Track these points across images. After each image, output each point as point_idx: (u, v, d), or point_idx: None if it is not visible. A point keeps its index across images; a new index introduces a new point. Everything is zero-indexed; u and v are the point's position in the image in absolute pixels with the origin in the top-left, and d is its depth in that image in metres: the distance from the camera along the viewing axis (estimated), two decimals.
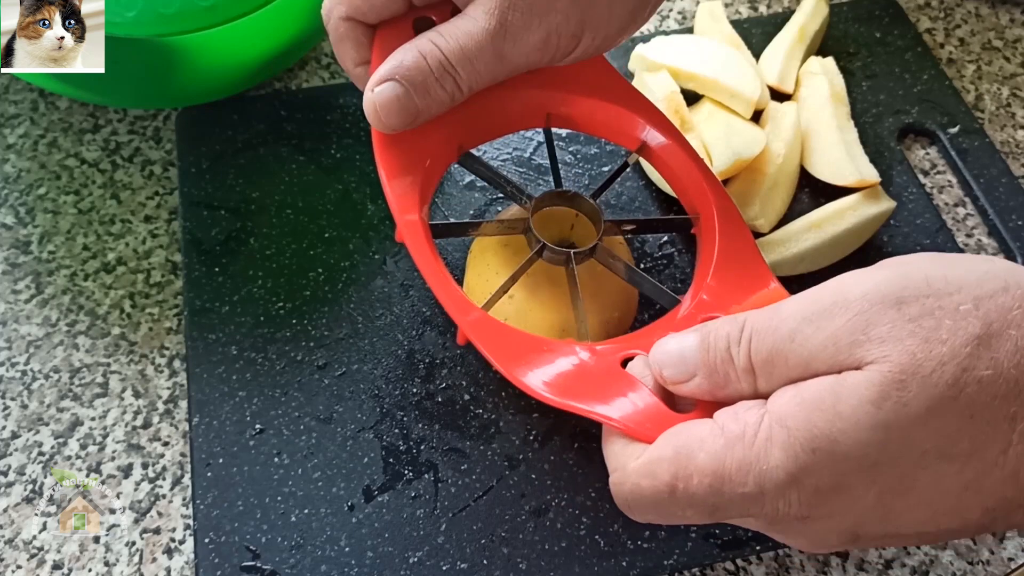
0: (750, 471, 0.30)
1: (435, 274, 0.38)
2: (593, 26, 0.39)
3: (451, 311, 0.38)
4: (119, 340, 0.49)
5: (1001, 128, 0.58)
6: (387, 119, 0.38)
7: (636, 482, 0.33)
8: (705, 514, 0.32)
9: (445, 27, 0.38)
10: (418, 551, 0.42)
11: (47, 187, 0.54)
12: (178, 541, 0.43)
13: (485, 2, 0.37)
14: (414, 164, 0.40)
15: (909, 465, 0.29)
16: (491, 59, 0.38)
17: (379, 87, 0.38)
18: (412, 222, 0.39)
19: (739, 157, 0.50)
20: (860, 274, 0.31)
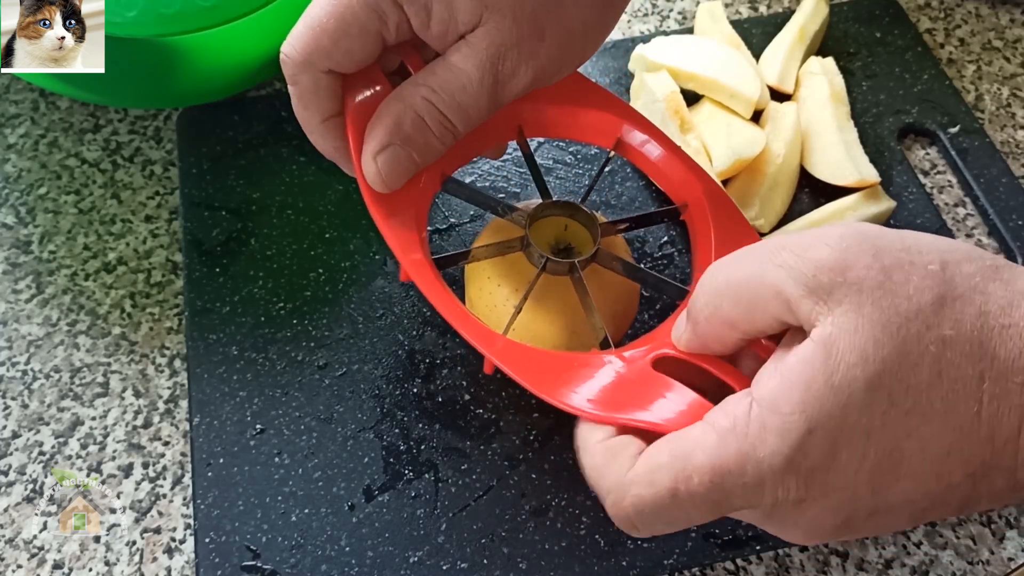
0: (747, 461, 0.30)
1: (451, 310, 0.39)
2: (574, 54, 0.40)
3: (475, 344, 0.38)
4: (120, 340, 0.49)
5: (1001, 128, 0.58)
6: (391, 182, 0.39)
7: (637, 494, 0.33)
8: (709, 512, 0.32)
9: (435, 80, 0.38)
10: (418, 551, 0.42)
11: (48, 187, 0.54)
12: (178, 541, 0.44)
13: (472, 54, 0.37)
14: (404, 204, 0.40)
15: (898, 431, 0.30)
16: (484, 106, 0.39)
17: (381, 156, 0.38)
18: (417, 261, 0.39)
19: (739, 157, 0.51)
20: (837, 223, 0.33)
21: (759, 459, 0.30)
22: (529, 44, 0.38)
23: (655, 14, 0.63)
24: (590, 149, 0.55)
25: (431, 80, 0.38)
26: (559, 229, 0.44)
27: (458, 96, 0.38)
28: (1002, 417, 0.30)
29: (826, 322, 0.30)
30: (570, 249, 0.43)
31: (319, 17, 0.37)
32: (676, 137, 0.51)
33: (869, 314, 0.30)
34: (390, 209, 0.40)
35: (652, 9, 0.64)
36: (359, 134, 0.39)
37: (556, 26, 0.38)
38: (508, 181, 0.53)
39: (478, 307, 0.44)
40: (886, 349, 0.30)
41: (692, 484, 0.31)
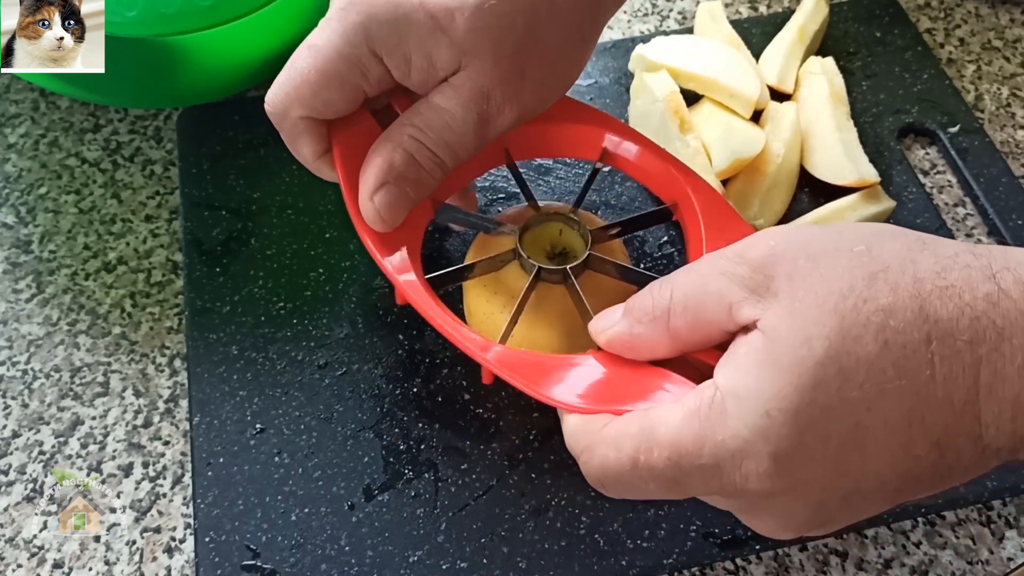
0: (705, 443, 0.31)
1: (447, 324, 0.40)
2: (556, 86, 0.42)
3: (472, 355, 0.39)
4: (120, 339, 0.49)
5: (1001, 128, 0.58)
6: (390, 220, 0.40)
7: (604, 454, 0.34)
8: (667, 487, 0.33)
9: (421, 120, 0.39)
10: (418, 550, 0.42)
11: (48, 186, 0.54)
12: (178, 540, 0.44)
13: (455, 94, 0.39)
14: (399, 232, 0.41)
15: (857, 406, 0.30)
16: (472, 143, 0.40)
17: (377, 195, 0.40)
18: (411, 282, 0.41)
19: (739, 157, 0.51)
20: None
21: (717, 441, 0.31)
22: (511, 84, 0.39)
23: (655, 14, 0.63)
24: None
25: (417, 120, 0.39)
26: (554, 234, 0.44)
27: (444, 133, 0.39)
28: (956, 377, 0.30)
29: (767, 314, 0.31)
30: (566, 254, 0.43)
31: (301, 69, 0.39)
32: (676, 137, 0.51)
33: (803, 298, 0.31)
34: (383, 237, 0.41)
35: (652, 9, 0.64)
36: (347, 170, 0.41)
37: (536, 64, 0.40)
38: (508, 181, 0.53)
39: (476, 316, 0.44)
40: (827, 327, 0.30)
41: (652, 457, 0.32)
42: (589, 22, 0.42)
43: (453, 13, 0.37)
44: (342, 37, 0.38)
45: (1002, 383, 0.30)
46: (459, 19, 0.37)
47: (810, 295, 0.31)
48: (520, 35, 0.38)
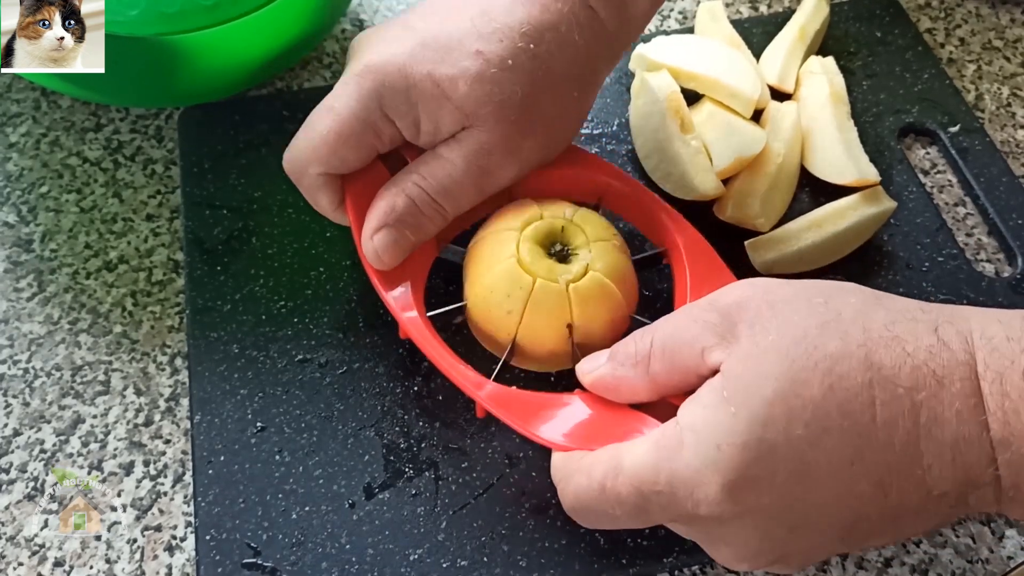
0: (661, 471, 0.34)
1: (444, 361, 0.42)
2: (557, 142, 0.45)
3: (467, 391, 0.42)
4: (121, 338, 0.49)
5: (1001, 128, 0.58)
6: (388, 260, 0.43)
7: (578, 481, 0.37)
8: (633, 514, 0.36)
9: (425, 169, 0.42)
10: (418, 548, 0.42)
11: (49, 185, 0.54)
12: (179, 539, 0.44)
13: (459, 148, 0.42)
14: (403, 269, 0.44)
15: (802, 444, 0.33)
16: (472, 193, 0.43)
17: (377, 235, 0.43)
18: (413, 319, 0.43)
19: (739, 156, 0.51)
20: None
21: (672, 470, 0.34)
22: (512, 142, 0.42)
23: (656, 14, 0.63)
24: (591, 148, 0.55)
25: (422, 168, 0.43)
26: (555, 230, 0.44)
27: (445, 182, 0.42)
28: (897, 420, 0.33)
29: (729, 355, 0.34)
30: (566, 252, 0.43)
31: (320, 130, 0.42)
32: (676, 136, 0.51)
33: (761, 342, 0.34)
34: (390, 277, 0.44)
35: None
36: (357, 214, 0.44)
37: (538, 123, 0.43)
38: None
39: (477, 310, 0.44)
40: (778, 368, 0.33)
41: (617, 483, 0.35)
42: (585, 84, 0.45)
43: (457, 82, 0.40)
44: (358, 101, 0.41)
45: (940, 427, 0.32)
46: (462, 87, 0.40)
47: (767, 340, 0.34)
48: (520, 102, 0.41)
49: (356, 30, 0.62)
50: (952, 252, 0.51)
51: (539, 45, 0.41)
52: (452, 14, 0.42)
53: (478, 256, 0.44)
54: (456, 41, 0.41)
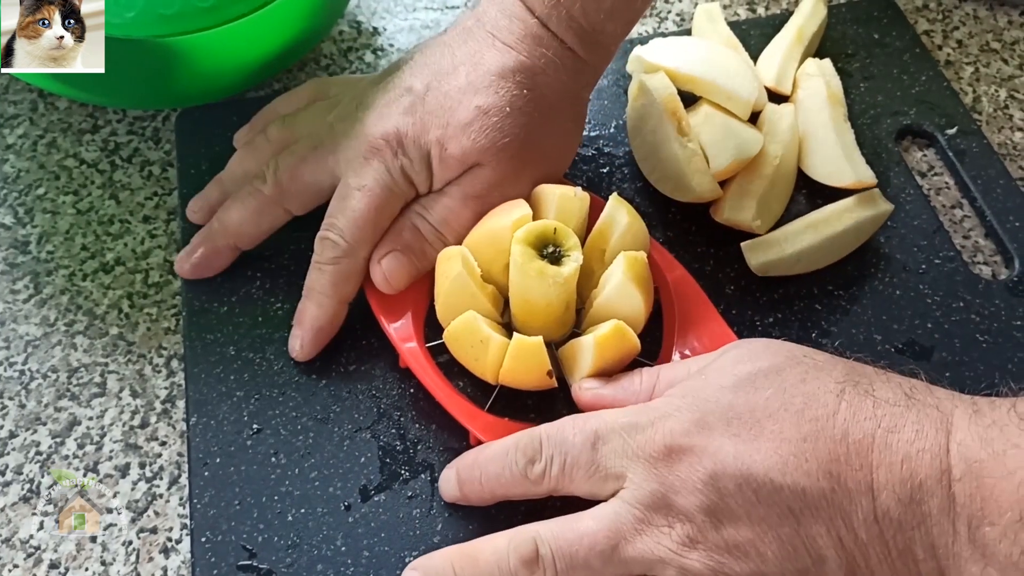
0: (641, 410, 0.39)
1: (440, 391, 0.44)
2: (552, 172, 0.48)
3: (462, 421, 0.44)
4: (117, 340, 0.49)
5: (999, 130, 0.58)
6: (395, 283, 0.46)
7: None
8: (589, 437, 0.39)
9: (427, 201, 0.46)
10: (414, 550, 0.42)
11: (46, 187, 0.54)
12: (175, 540, 0.44)
13: (461, 184, 0.45)
14: (404, 301, 0.46)
15: (759, 412, 0.36)
16: (469, 222, 0.46)
17: (384, 260, 0.46)
18: (412, 350, 0.45)
19: (736, 158, 0.51)
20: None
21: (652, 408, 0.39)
22: (510, 181, 0.45)
23: (653, 16, 0.63)
24: (587, 151, 0.55)
25: (425, 201, 0.46)
26: (548, 232, 0.43)
27: (445, 214, 0.46)
28: (857, 422, 0.35)
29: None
30: (558, 254, 0.43)
31: (359, 210, 0.46)
32: (673, 138, 0.51)
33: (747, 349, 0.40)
34: (392, 309, 0.46)
35: (650, 11, 0.64)
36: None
37: (530, 163, 0.46)
38: None
39: (452, 350, 0.45)
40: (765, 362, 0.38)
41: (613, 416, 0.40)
42: (575, 114, 0.48)
43: (461, 140, 0.44)
44: (388, 174, 0.45)
45: (896, 438, 0.34)
46: (466, 143, 0.44)
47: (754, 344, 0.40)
48: (517, 143, 0.45)
49: (354, 32, 0.62)
50: (949, 254, 0.51)
51: (532, 90, 0.45)
52: (447, 73, 0.45)
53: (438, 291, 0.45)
54: (456, 101, 0.44)
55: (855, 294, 0.50)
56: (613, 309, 0.44)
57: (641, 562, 0.36)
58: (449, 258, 0.44)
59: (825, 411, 0.35)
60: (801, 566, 0.35)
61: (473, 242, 0.45)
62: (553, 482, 0.39)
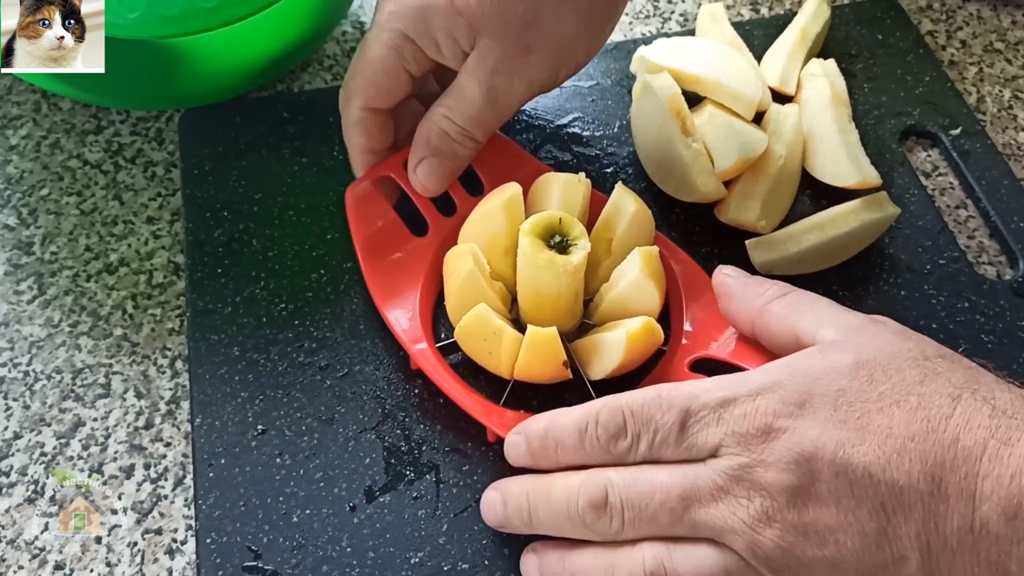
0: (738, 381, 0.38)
1: (455, 390, 0.44)
2: (566, 63, 0.47)
3: (479, 418, 0.44)
4: (121, 341, 0.49)
5: (1003, 130, 0.58)
6: (434, 187, 0.48)
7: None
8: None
9: (447, 100, 0.46)
10: (419, 551, 0.42)
11: (49, 188, 0.54)
12: (180, 542, 0.44)
13: (471, 73, 0.45)
14: (407, 301, 0.47)
15: (871, 404, 0.35)
16: (491, 115, 0.46)
17: (419, 168, 0.47)
18: (423, 351, 0.45)
19: (741, 159, 0.51)
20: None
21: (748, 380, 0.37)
22: (517, 59, 0.45)
23: (657, 16, 0.63)
24: (590, 151, 0.55)
25: (446, 100, 0.46)
26: (553, 222, 0.44)
27: (467, 109, 0.46)
28: (970, 429, 0.34)
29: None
30: (565, 243, 0.43)
31: (357, 66, 0.47)
32: (677, 139, 0.51)
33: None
34: (399, 312, 0.46)
35: (654, 11, 0.64)
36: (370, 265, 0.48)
37: (540, 42, 0.45)
38: None
39: (464, 347, 0.45)
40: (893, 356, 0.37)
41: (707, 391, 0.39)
42: (601, 6, 0.46)
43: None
44: (383, 29, 0.45)
45: (1009, 451, 0.33)
46: (473, 3, 0.43)
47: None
48: (523, 17, 0.44)
49: (357, 32, 0.62)
50: (954, 255, 0.51)
51: None
52: None
53: (449, 289, 0.45)
54: None
55: (860, 294, 0.50)
56: (628, 304, 0.44)
57: (710, 528, 0.36)
58: (459, 256, 0.44)
59: (939, 413, 0.34)
60: (879, 562, 0.34)
61: (468, 231, 0.46)
62: (639, 459, 0.38)
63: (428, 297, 0.47)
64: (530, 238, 0.43)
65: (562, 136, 0.55)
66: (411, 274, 0.47)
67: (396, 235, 0.48)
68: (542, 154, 0.55)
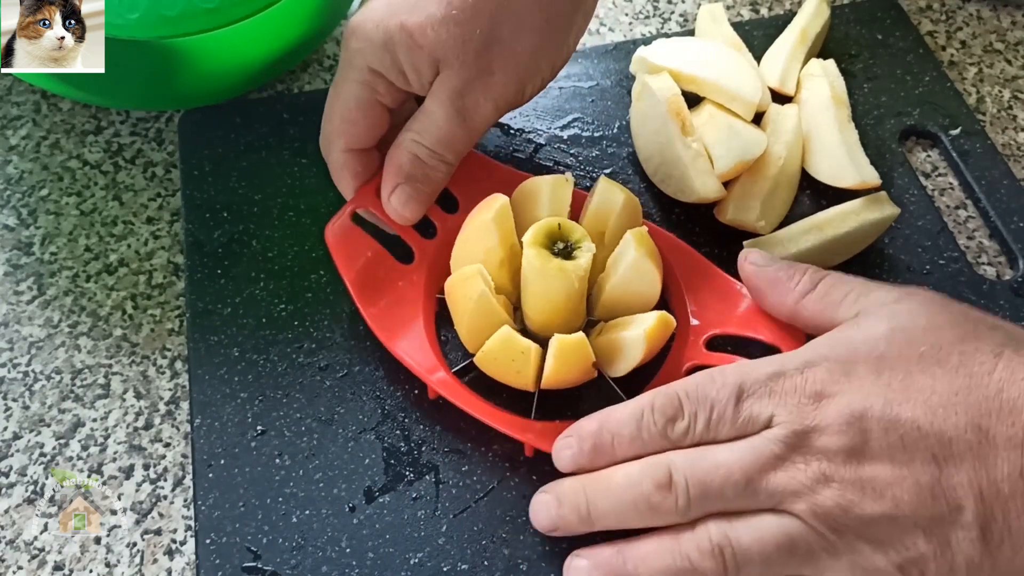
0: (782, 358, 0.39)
1: (487, 412, 0.44)
2: (531, 79, 0.47)
3: (517, 436, 0.43)
4: (121, 341, 0.49)
5: (1003, 131, 0.58)
6: (410, 214, 0.47)
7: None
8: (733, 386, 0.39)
9: (416, 124, 0.46)
10: (419, 552, 0.42)
11: (49, 188, 0.54)
12: (179, 542, 0.44)
13: (436, 98, 0.45)
14: (414, 332, 0.46)
15: (912, 366, 0.37)
16: (461, 136, 0.46)
17: (393, 195, 0.46)
18: (442, 380, 0.45)
19: (740, 159, 0.51)
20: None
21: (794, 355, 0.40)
22: (480, 80, 0.45)
23: (656, 16, 0.63)
24: (591, 151, 0.55)
25: (414, 125, 0.46)
26: (553, 228, 0.44)
27: (436, 132, 0.45)
28: (1014, 381, 0.35)
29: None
30: (570, 248, 0.43)
31: (330, 106, 0.47)
32: (677, 139, 0.51)
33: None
34: (406, 345, 0.45)
35: (653, 11, 0.64)
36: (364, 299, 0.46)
37: (501, 62, 0.45)
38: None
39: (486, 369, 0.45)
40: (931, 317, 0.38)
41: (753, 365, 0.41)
42: (555, 13, 0.46)
43: (425, 28, 0.43)
44: (350, 66, 0.46)
45: None
46: (430, 32, 0.43)
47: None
48: (481, 39, 0.44)
49: None
50: (953, 255, 0.51)
51: None
52: None
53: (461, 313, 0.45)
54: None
55: None
56: (630, 287, 0.45)
57: (773, 495, 0.37)
58: (466, 279, 0.43)
59: (981, 369, 0.36)
60: (936, 513, 0.35)
61: (462, 250, 0.45)
62: (697, 439, 0.39)
63: (430, 323, 0.47)
64: (536, 249, 0.43)
65: (562, 137, 0.55)
66: (408, 305, 0.47)
67: (384, 266, 0.47)
68: (542, 155, 0.55)
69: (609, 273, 0.45)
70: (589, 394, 0.45)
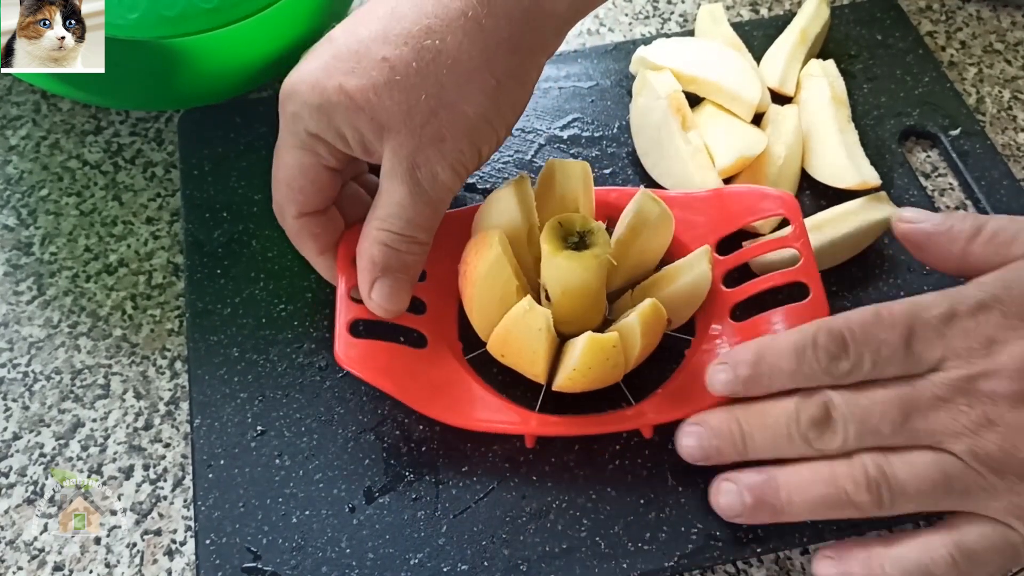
0: (941, 297, 0.39)
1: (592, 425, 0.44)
2: (487, 141, 0.43)
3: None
4: (121, 342, 0.49)
5: (1002, 131, 0.58)
6: (394, 307, 0.44)
7: (846, 314, 0.41)
8: (903, 337, 0.39)
9: (379, 211, 0.42)
10: (419, 552, 0.42)
11: (49, 189, 0.54)
12: (179, 542, 0.44)
13: (393, 176, 0.42)
14: (478, 397, 0.45)
15: None
16: (427, 212, 0.43)
17: (374, 291, 0.43)
18: (536, 424, 0.44)
19: (741, 158, 0.51)
20: None
21: (952, 294, 0.40)
22: (432, 147, 0.41)
23: (656, 16, 0.63)
24: (591, 151, 0.55)
25: (376, 212, 0.43)
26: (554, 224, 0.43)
27: (402, 213, 0.42)
28: None
29: None
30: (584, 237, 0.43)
31: (275, 174, 0.45)
32: (677, 134, 0.51)
33: None
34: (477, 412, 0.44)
35: (653, 12, 0.64)
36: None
37: (451, 127, 0.41)
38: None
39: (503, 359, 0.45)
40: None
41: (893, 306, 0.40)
42: (503, 72, 0.42)
43: (367, 92, 0.40)
44: (288, 131, 0.43)
45: None
46: (372, 97, 0.40)
47: None
48: (428, 104, 0.41)
49: None
50: None
51: (445, 39, 0.41)
52: (366, 17, 0.42)
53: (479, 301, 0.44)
54: (366, 48, 0.41)
55: (859, 296, 0.50)
56: (693, 295, 0.46)
57: (930, 434, 0.37)
58: (488, 245, 0.43)
59: None
60: None
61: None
62: (862, 377, 0.39)
63: (482, 383, 0.45)
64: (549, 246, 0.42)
65: (562, 137, 0.55)
66: (454, 378, 0.45)
67: (406, 359, 0.45)
68: (542, 155, 0.54)
69: (670, 279, 0.45)
70: (589, 394, 0.45)
